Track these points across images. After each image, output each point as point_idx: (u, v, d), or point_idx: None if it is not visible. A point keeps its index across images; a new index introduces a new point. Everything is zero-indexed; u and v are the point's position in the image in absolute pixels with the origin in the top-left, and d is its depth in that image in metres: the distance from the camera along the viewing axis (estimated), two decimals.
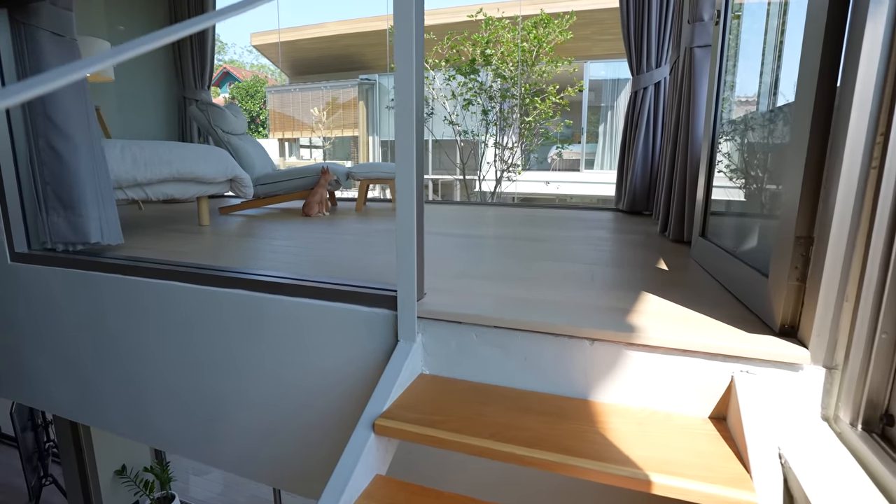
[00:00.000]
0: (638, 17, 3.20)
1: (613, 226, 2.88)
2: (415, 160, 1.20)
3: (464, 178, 7.72)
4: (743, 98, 1.87)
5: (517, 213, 3.50)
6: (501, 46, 6.43)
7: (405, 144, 1.19)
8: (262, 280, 1.50)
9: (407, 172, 1.20)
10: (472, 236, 2.47)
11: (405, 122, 1.18)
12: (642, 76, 3.28)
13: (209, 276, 1.58)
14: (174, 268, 1.67)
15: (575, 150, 11.30)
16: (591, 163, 11.07)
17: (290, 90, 14.42)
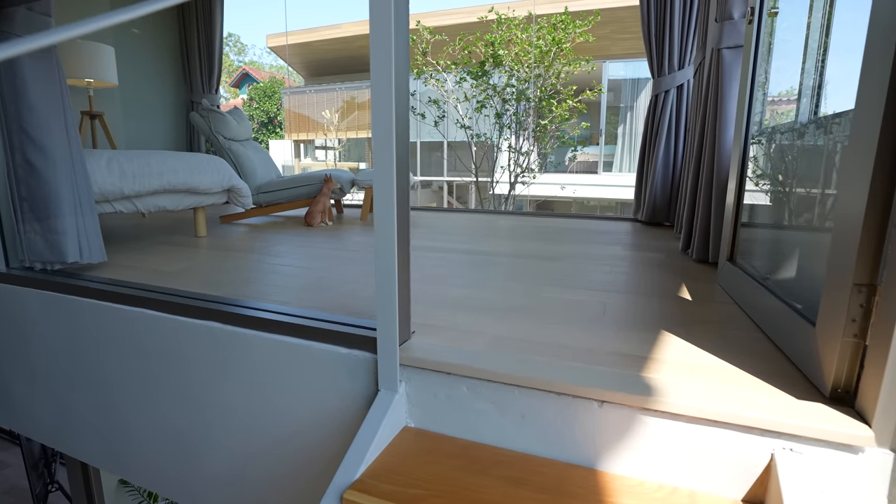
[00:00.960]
0: (659, 15, 2.98)
1: (631, 240, 2.68)
2: (395, 180, 1.04)
3: (476, 181, 7.53)
4: (779, 104, 1.67)
5: (530, 224, 3.32)
6: (515, 47, 6.22)
7: (384, 159, 1.03)
8: (237, 313, 1.35)
9: (385, 194, 1.04)
10: (478, 253, 2.30)
11: (383, 133, 1.02)
12: (664, 79, 3.06)
13: (183, 305, 1.44)
14: (148, 294, 1.54)
15: (593, 151, 11.02)
16: (610, 165, 10.76)
17: (306, 91, 14.41)
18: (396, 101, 1.01)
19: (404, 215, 1.11)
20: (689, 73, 2.99)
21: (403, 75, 1.04)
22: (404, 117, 1.06)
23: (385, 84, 0.99)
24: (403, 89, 1.05)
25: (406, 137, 1.08)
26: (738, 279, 1.56)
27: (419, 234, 2.88)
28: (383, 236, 1.07)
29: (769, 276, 1.54)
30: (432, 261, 2.13)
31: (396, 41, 0.98)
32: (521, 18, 6.41)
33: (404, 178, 1.08)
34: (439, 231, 3.01)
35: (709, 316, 1.42)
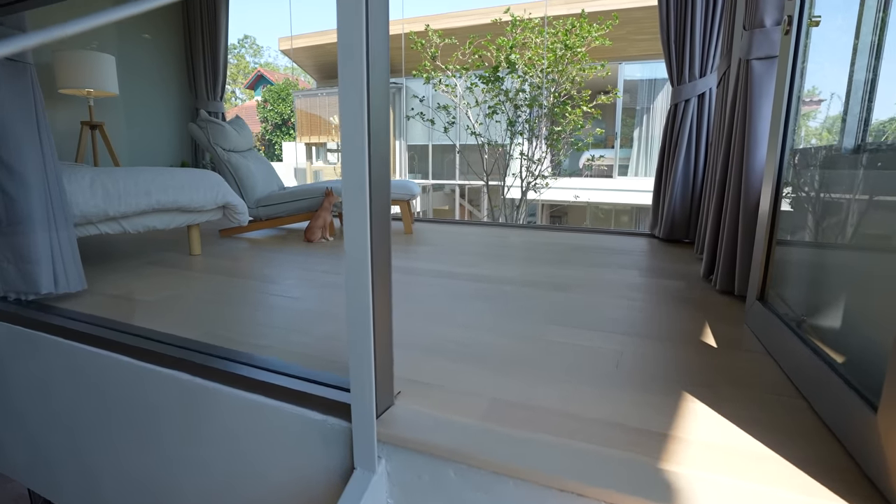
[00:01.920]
0: (679, 19, 2.79)
1: (648, 262, 2.50)
2: (369, 208, 0.89)
3: (487, 187, 7.35)
4: (820, 122, 1.49)
5: (542, 240, 3.15)
6: (529, 51, 6.03)
7: (354, 185, 0.89)
8: (207, 365, 1.22)
9: (357, 228, 0.90)
10: (483, 279, 2.15)
11: (353, 157, 0.87)
12: (683, 87, 2.87)
13: (150, 351, 1.31)
14: (116, 335, 1.41)
15: (608, 155, 10.76)
16: (625, 169, 10.49)
17: (317, 94, 14.38)
18: (371, 113, 0.86)
19: (383, 253, 0.96)
20: (711, 81, 2.79)
21: (381, 80, 0.89)
22: (382, 130, 0.91)
23: (355, 92, 0.84)
24: (381, 96, 0.90)
25: (385, 153, 0.93)
26: (770, 324, 1.38)
27: (423, 253, 2.73)
28: (356, 286, 0.92)
29: (806, 319, 1.35)
30: (433, 289, 1.98)
31: (372, 42, 0.84)
32: (537, 21, 6.21)
33: (383, 207, 0.93)
34: (445, 249, 2.86)
35: (738, 371, 1.24)
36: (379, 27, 0.87)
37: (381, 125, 0.90)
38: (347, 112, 0.86)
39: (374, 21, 0.85)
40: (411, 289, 1.99)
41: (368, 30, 0.83)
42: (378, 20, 0.86)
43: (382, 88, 0.90)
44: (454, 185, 13.11)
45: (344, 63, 0.85)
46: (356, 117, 0.86)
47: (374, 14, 0.84)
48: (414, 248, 2.92)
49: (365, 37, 0.83)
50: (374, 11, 0.85)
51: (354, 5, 0.82)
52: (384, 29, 0.89)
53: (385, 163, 0.93)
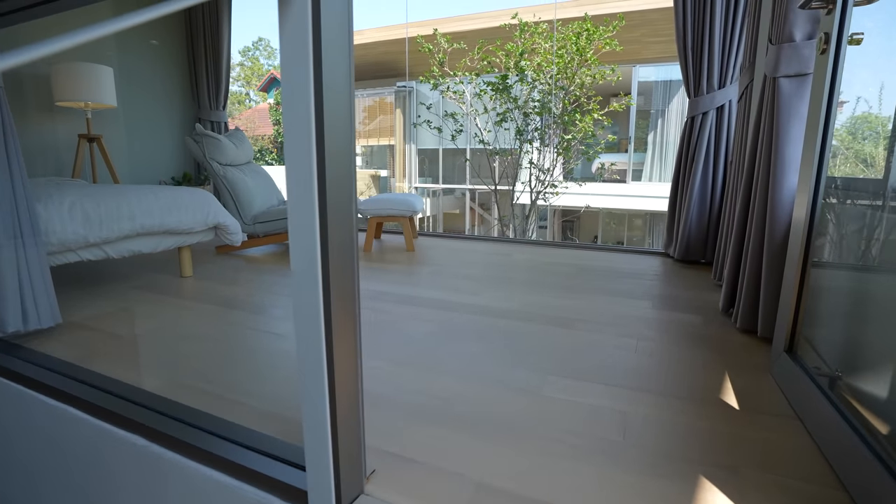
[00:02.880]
0: (697, 27, 2.62)
1: (662, 289, 2.33)
2: (318, 245, 0.75)
3: (496, 195, 7.19)
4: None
5: (549, 260, 2.99)
6: (538, 57, 5.85)
7: (301, 221, 0.75)
8: (163, 432, 1.09)
9: (307, 266, 0.76)
10: (479, 311, 2.00)
11: (298, 173, 0.74)
12: (701, 99, 2.69)
13: (108, 410, 1.19)
14: (76, 387, 1.30)
15: (621, 159, 10.52)
16: (639, 174, 10.24)
17: None
18: (326, 124, 0.73)
19: (345, 293, 0.82)
20: (731, 93, 2.61)
21: (338, 82, 0.75)
22: (342, 143, 0.78)
23: (300, 103, 0.71)
24: (339, 100, 0.76)
25: (346, 171, 0.79)
26: (800, 382, 1.22)
27: (422, 277, 2.59)
28: (306, 341, 0.79)
29: (841, 376, 1.19)
30: (427, 325, 1.84)
31: (326, 41, 0.70)
32: (545, 26, 6.03)
33: (343, 236, 0.79)
34: (445, 271, 2.72)
35: (765, 446, 1.08)
36: (335, 19, 0.73)
37: (339, 137, 0.77)
38: (291, 123, 0.73)
39: (329, 15, 0.71)
40: (405, 325, 1.85)
41: (321, 22, 0.70)
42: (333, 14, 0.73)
43: (341, 90, 0.76)
44: (465, 190, 12.97)
45: (287, 62, 0.72)
46: (301, 126, 0.73)
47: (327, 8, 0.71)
48: (414, 268, 2.78)
49: (311, 31, 0.70)
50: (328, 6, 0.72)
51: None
52: (343, 26, 0.76)
53: (345, 182, 0.80)
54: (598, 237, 12.50)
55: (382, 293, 2.25)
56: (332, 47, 0.73)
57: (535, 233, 7.77)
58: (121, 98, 4.03)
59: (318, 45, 0.71)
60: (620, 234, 12.51)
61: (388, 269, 2.75)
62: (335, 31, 0.74)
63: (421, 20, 10.54)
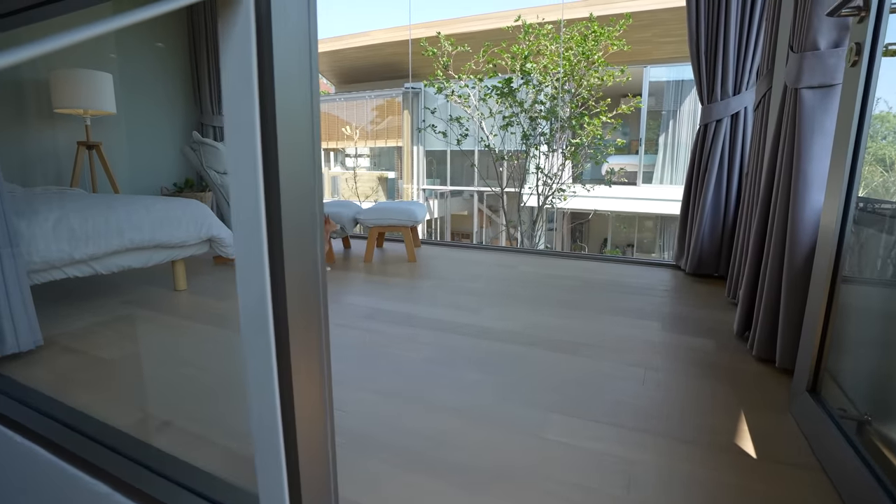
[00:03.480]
0: (711, 30, 2.49)
1: (672, 308, 2.21)
2: (267, 277, 0.66)
3: (503, 200, 7.08)
4: None
5: (555, 272, 2.88)
6: (543, 59, 5.72)
7: (249, 250, 0.66)
8: (125, 481, 1.01)
9: (254, 302, 0.67)
10: (480, 333, 1.90)
11: (243, 187, 0.65)
12: (715, 106, 2.57)
13: (74, 454, 1.11)
14: (44, 424, 1.22)
15: (632, 161, 10.35)
16: (650, 176, 10.07)
17: (335, 99, 14.33)
18: (279, 131, 0.64)
19: (310, 337, 0.72)
20: (746, 99, 2.49)
21: (295, 81, 0.66)
22: (299, 154, 0.68)
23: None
24: (295, 99, 0.67)
25: (307, 184, 0.70)
26: (825, 428, 1.10)
27: (423, 292, 2.50)
28: (259, 369, 0.69)
29: (871, 420, 1.08)
30: (424, 349, 1.74)
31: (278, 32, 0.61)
32: (550, 27, 5.90)
33: (305, 265, 0.70)
34: (446, 285, 2.62)
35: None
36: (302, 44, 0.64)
37: (296, 146, 0.67)
38: (233, 130, 0.64)
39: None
40: (399, 349, 1.75)
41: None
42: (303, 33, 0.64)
43: (299, 90, 0.66)
44: (473, 192, 12.87)
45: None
46: (245, 132, 0.64)
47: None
48: (414, 282, 2.69)
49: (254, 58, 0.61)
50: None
51: None
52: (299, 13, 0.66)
53: (307, 196, 0.70)
54: (607, 240, 12.34)
55: (378, 311, 2.16)
56: (287, 46, 0.64)
57: (542, 237, 7.64)
58: (122, 104, 3.99)
59: (269, 42, 0.62)
60: (630, 237, 12.34)
61: (387, 283, 2.66)
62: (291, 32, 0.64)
63: (426, 21, 10.47)
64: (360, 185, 13.44)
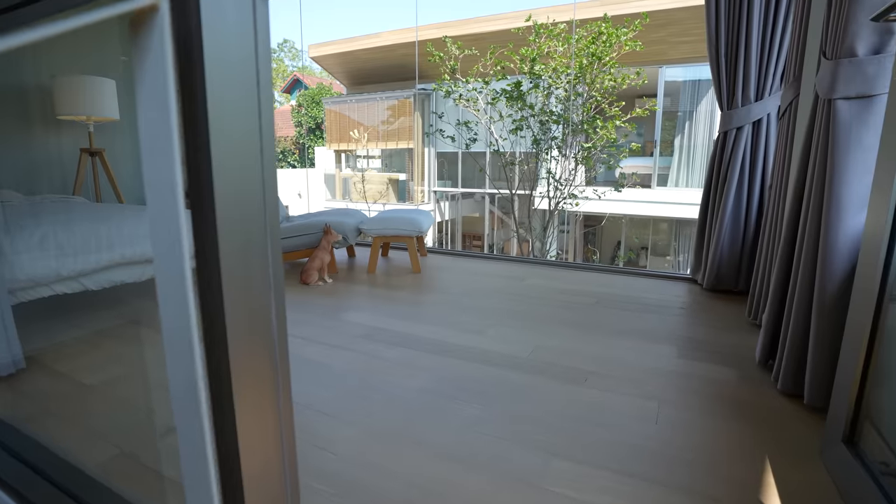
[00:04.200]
0: (731, 33, 2.35)
1: (688, 329, 2.07)
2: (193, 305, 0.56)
3: (513, 204, 6.95)
4: None
5: (564, 285, 2.76)
6: (553, 61, 5.57)
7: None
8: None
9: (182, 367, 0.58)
10: (482, 358, 1.79)
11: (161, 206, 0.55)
12: (735, 112, 2.42)
13: (27, 498, 1.03)
14: (8, 465, 1.14)
15: (646, 163, 10.13)
16: (665, 179, 9.84)
17: (347, 101, 14.31)
18: (212, 137, 0.54)
19: (263, 388, 0.62)
20: (769, 105, 2.34)
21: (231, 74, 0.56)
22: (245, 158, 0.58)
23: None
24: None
25: (260, 211, 0.60)
26: (864, 485, 0.97)
27: (425, 308, 2.39)
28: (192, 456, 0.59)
29: None
30: (420, 376, 1.64)
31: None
32: (563, 26, 5.74)
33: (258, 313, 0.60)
34: (450, 300, 2.51)
35: None
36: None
37: (236, 156, 0.57)
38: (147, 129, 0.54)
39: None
40: (396, 376, 1.65)
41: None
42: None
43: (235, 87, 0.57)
44: (484, 194, 12.74)
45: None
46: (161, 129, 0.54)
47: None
48: (418, 296, 2.59)
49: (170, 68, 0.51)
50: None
51: None
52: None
53: (252, 217, 0.60)
54: (620, 243, 12.12)
55: (377, 330, 2.06)
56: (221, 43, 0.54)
57: (554, 241, 7.49)
58: (126, 109, 3.95)
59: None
60: (644, 240, 12.11)
61: (389, 297, 2.56)
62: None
63: (435, 22, 10.37)
64: (371, 187, 13.40)
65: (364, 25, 41.14)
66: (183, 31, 0.50)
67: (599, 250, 12.57)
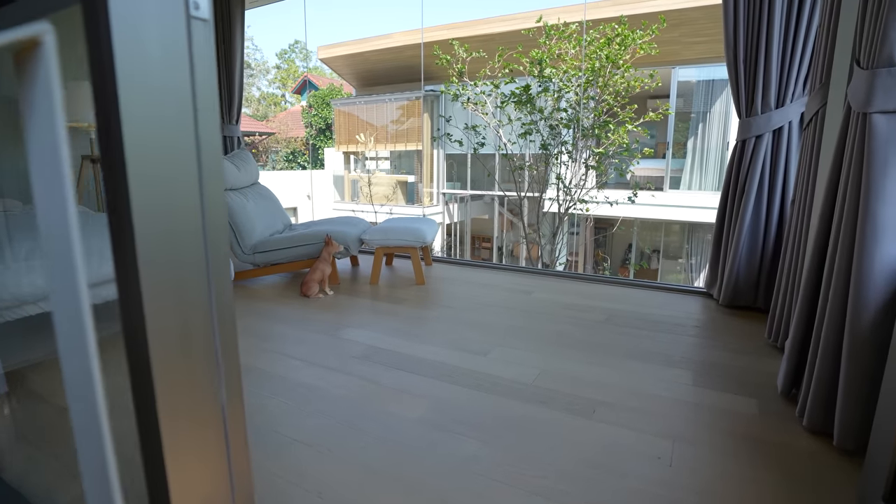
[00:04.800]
0: (751, 35, 2.23)
1: (705, 353, 1.96)
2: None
3: (521, 205, 6.83)
4: None
5: (572, 300, 2.65)
6: (564, 64, 5.44)
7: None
8: None
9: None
10: (481, 382, 1.70)
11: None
12: (754, 120, 2.30)
13: None
14: None
15: (658, 165, 9.94)
16: (677, 181, 9.64)
17: (355, 102, 14.28)
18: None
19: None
20: (790, 112, 2.21)
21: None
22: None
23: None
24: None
25: (196, 229, 0.52)
26: None
27: (427, 324, 2.30)
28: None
29: None
30: (417, 404, 1.54)
31: None
32: (573, 29, 5.61)
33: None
34: (453, 316, 2.42)
35: None
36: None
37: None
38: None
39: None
40: (391, 403, 1.56)
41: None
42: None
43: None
44: (493, 197, 12.63)
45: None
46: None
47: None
48: (420, 311, 2.49)
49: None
50: None
51: None
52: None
53: (188, 233, 0.52)
54: (632, 245, 11.94)
55: (376, 350, 1.97)
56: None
57: (564, 247, 7.35)
58: None
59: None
60: (656, 242, 11.91)
61: (391, 312, 2.47)
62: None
63: (443, 24, 10.27)
64: (379, 189, 13.35)
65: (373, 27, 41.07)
66: (96, 61, 0.43)
67: (610, 254, 12.40)
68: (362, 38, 13.28)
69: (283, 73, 30.89)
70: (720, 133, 9.21)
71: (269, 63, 33.19)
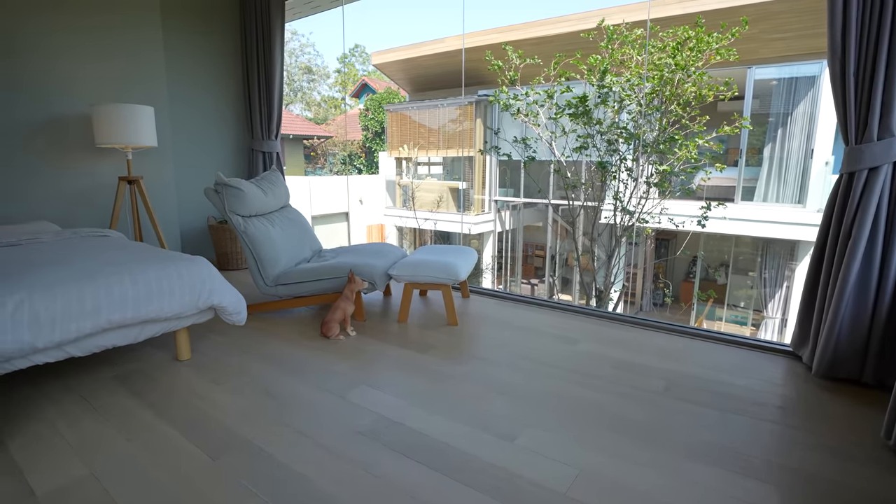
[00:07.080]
0: (865, 44, 1.76)
1: (792, 455, 1.52)
2: None
3: (574, 219, 6.35)
4: None
5: (622, 356, 2.26)
6: (628, 72, 4.93)
7: None
8: None
9: None
10: (500, 486, 1.38)
11: None
12: (868, 148, 1.83)
13: None
14: None
15: (729, 175, 9.06)
16: (751, 192, 8.73)
17: (408, 108, 14.22)
18: None
19: None
20: None
21: None
22: None
23: None
24: None
25: None
26: None
27: (450, 383, 2.00)
28: None
29: None
30: None
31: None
32: (639, 33, 5.08)
33: None
34: (481, 374, 2.11)
35: None
36: None
37: None
38: None
39: None
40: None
41: None
42: None
43: None
44: (545, 204, 12.12)
45: None
46: None
47: None
48: (447, 366, 2.20)
49: None
50: None
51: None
52: None
53: None
54: (696, 258, 11.03)
55: (384, 423, 1.69)
56: None
57: (621, 272, 6.79)
58: (169, 133, 3.90)
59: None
60: (724, 254, 10.95)
61: (414, 365, 2.20)
62: None
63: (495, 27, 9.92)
64: (428, 195, 13.22)
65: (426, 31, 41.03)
66: None
67: (672, 267, 11.55)
68: (415, 44, 13.18)
69: (343, 77, 31.64)
70: (803, 139, 8.25)
71: (330, 68, 34.10)
